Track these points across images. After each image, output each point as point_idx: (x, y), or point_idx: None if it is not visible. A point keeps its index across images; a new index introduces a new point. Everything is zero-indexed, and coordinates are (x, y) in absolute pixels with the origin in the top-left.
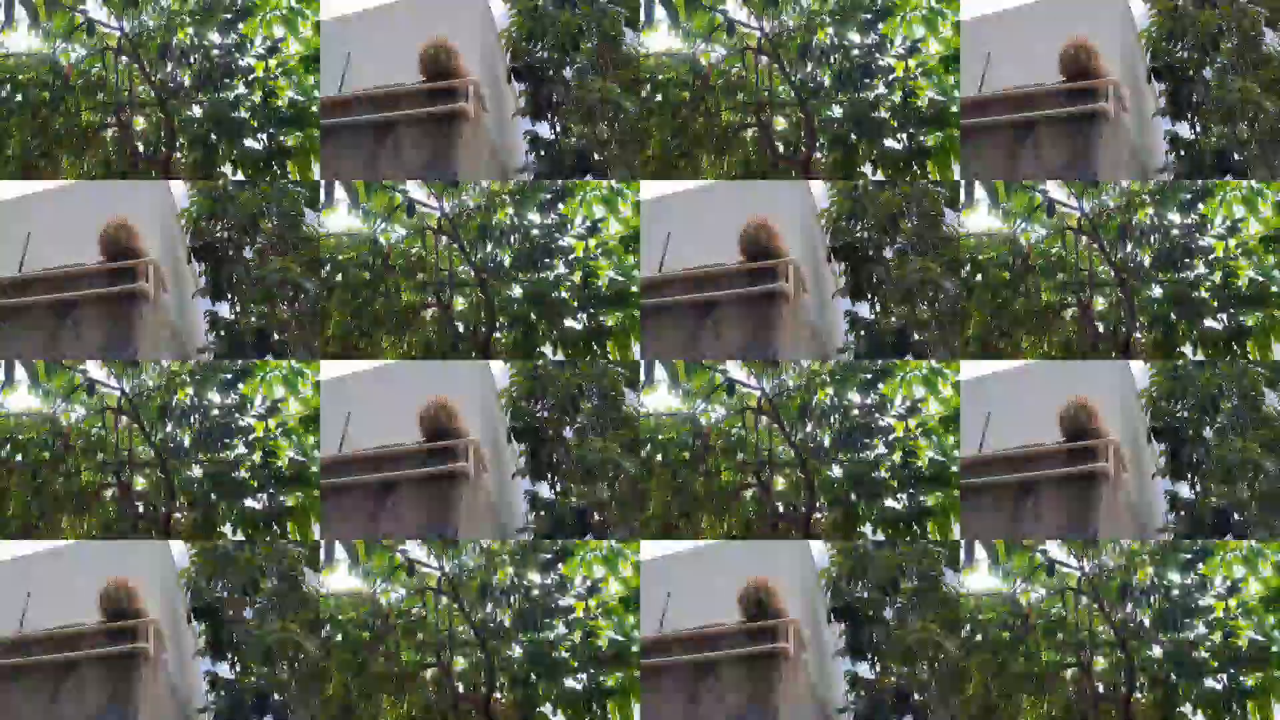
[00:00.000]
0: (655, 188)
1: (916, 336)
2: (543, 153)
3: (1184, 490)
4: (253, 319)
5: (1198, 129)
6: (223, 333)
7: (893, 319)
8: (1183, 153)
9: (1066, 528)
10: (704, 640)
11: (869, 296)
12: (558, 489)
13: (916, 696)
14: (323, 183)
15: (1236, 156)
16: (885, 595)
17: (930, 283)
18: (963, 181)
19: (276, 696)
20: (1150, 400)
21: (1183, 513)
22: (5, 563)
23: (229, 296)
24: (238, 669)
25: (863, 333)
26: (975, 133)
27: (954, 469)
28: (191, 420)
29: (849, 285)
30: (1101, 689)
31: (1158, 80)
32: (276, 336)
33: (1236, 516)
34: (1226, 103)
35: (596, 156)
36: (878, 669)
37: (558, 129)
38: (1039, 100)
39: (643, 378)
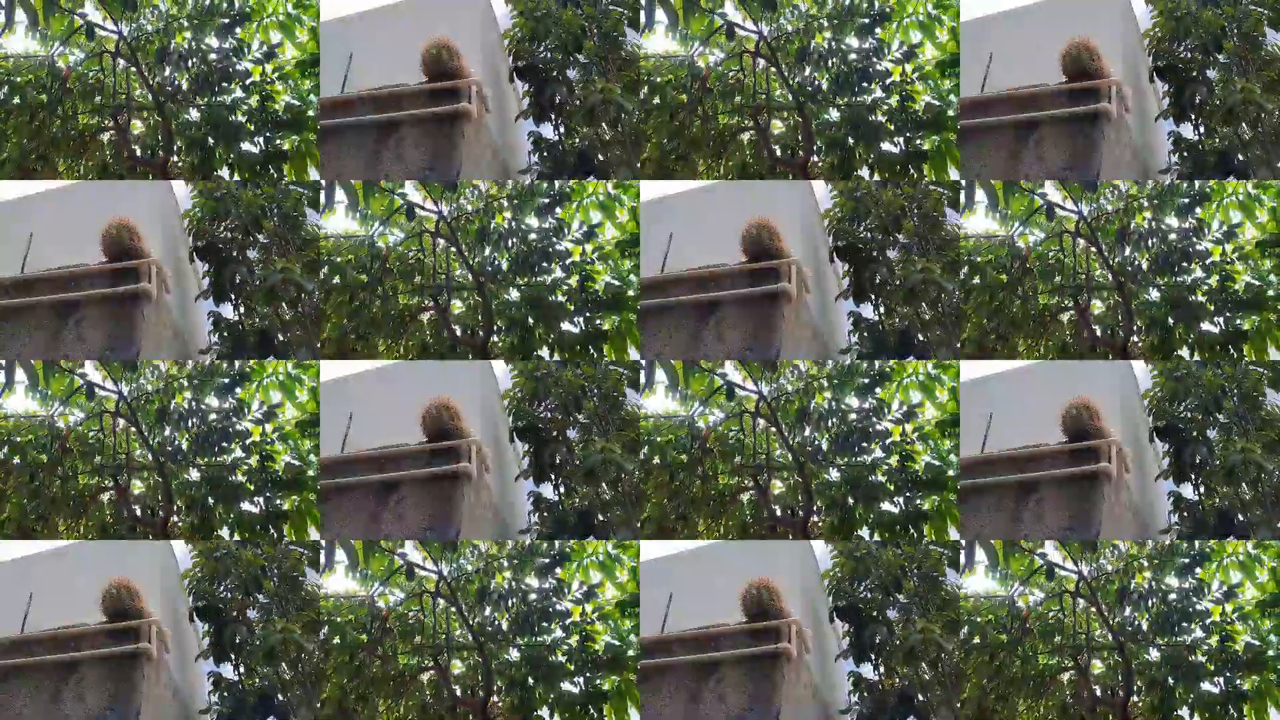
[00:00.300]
0: (656, 188)
1: (920, 337)
2: (545, 153)
3: (1187, 491)
4: (256, 320)
5: (1200, 130)
6: (225, 333)
7: (896, 320)
8: (1185, 154)
9: (1069, 528)
10: (706, 640)
11: (872, 297)
12: (560, 490)
13: (920, 698)
14: (323, 184)
15: (1240, 158)
16: (888, 596)
17: (932, 283)
18: (963, 183)
19: (280, 697)
20: (1153, 401)
21: (1185, 513)
22: (7, 563)
23: (231, 297)
24: (240, 670)
25: (866, 333)
26: (976, 133)
27: (950, 473)
28: (189, 424)
29: (852, 286)
30: (1099, 692)
31: (1160, 80)
32: (281, 338)
33: (1240, 517)
34: (1229, 103)
35: (600, 158)
36: (880, 670)
37: (560, 130)
38: (1041, 101)
39: (643, 380)
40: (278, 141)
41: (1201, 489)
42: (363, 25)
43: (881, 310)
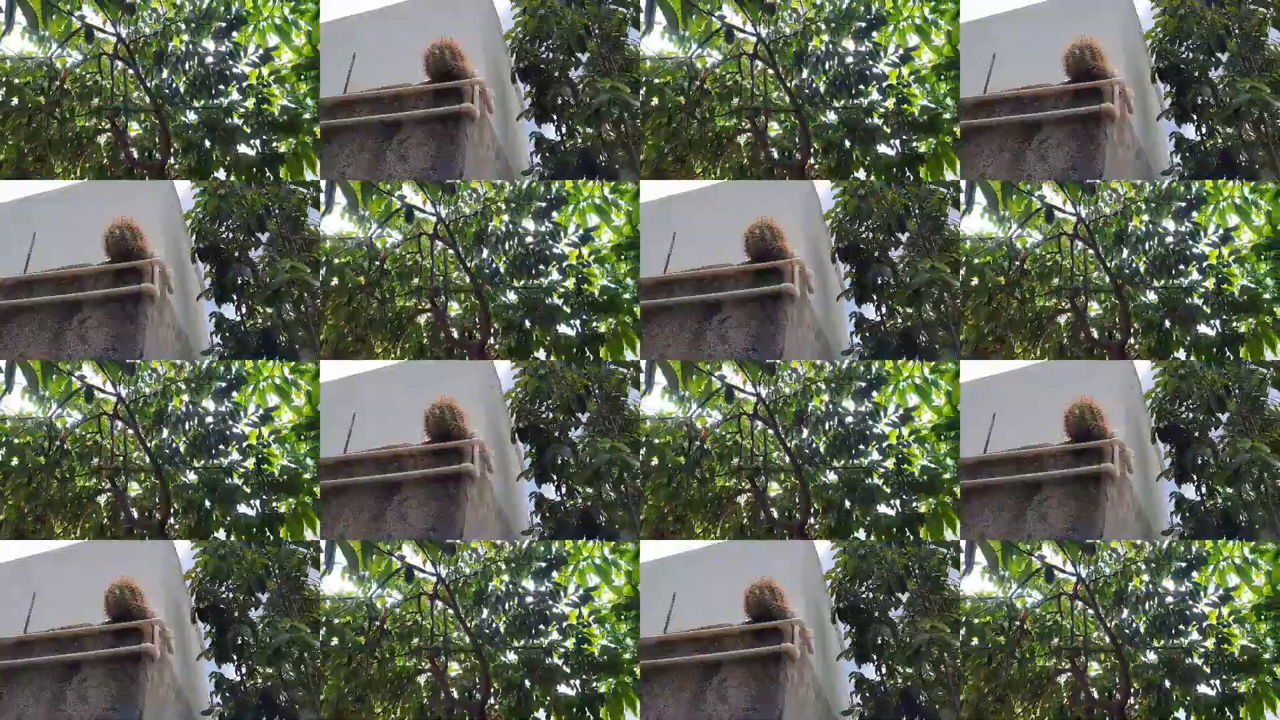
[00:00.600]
0: (659, 188)
1: (923, 337)
2: (548, 154)
3: (1189, 491)
4: (258, 320)
5: (1202, 130)
6: (228, 334)
7: (898, 320)
8: (1188, 154)
9: (1072, 529)
10: (709, 641)
11: (874, 298)
12: (563, 490)
13: (922, 698)
14: (324, 184)
15: (1242, 158)
16: (890, 596)
17: (936, 283)
18: (963, 183)
19: (283, 698)
20: (1155, 401)
21: (1188, 514)
22: (10, 563)
23: (234, 298)
24: (243, 671)
25: (868, 334)
26: (979, 134)
27: (946, 475)
28: (186, 427)
29: (854, 286)
30: (1095, 694)
31: (1162, 81)
32: (284, 338)
33: (1242, 517)
34: (1236, 103)
35: (602, 158)
36: (883, 671)
37: (563, 130)
38: (1043, 100)
39: (643, 382)
40: (274, 144)
41: (1203, 489)
42: (365, 25)
43: (884, 311)
